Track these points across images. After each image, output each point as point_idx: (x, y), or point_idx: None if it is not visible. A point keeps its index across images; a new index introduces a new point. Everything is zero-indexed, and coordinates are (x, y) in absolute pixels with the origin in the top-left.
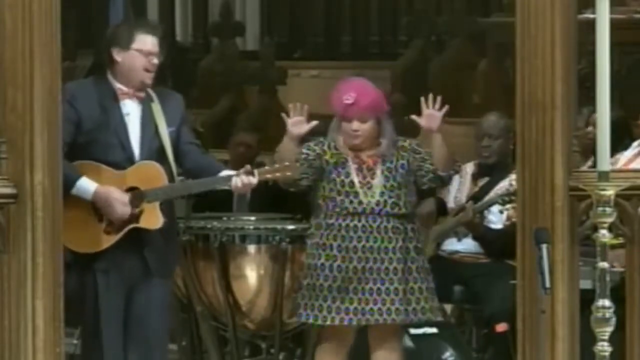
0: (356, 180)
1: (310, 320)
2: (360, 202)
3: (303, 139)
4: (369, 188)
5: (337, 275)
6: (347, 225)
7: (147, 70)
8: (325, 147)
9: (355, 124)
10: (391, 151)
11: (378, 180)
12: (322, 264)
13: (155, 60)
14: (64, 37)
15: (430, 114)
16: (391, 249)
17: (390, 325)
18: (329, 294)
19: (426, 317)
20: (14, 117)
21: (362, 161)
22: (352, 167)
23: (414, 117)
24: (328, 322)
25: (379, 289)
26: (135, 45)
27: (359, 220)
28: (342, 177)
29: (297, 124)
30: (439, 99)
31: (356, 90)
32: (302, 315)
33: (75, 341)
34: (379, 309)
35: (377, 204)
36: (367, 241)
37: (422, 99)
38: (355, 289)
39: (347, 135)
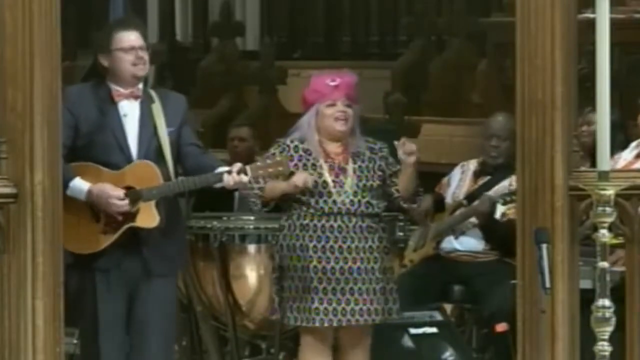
0: (329, 179)
1: (297, 323)
2: (334, 202)
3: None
4: (341, 187)
5: (313, 276)
6: (323, 226)
7: (135, 64)
8: (292, 152)
9: (341, 106)
10: (360, 149)
11: (350, 179)
12: (302, 266)
13: (141, 53)
14: (64, 37)
15: (408, 149)
16: (368, 248)
17: (363, 326)
18: (309, 295)
19: (399, 316)
20: (14, 117)
21: (333, 160)
22: (324, 166)
23: (396, 143)
24: (311, 324)
25: (359, 288)
26: (115, 45)
27: (335, 221)
28: (315, 178)
29: (303, 177)
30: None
31: (337, 75)
32: (290, 318)
33: (75, 341)
34: (360, 309)
35: (352, 203)
36: (344, 242)
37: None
38: (334, 289)
39: (331, 120)
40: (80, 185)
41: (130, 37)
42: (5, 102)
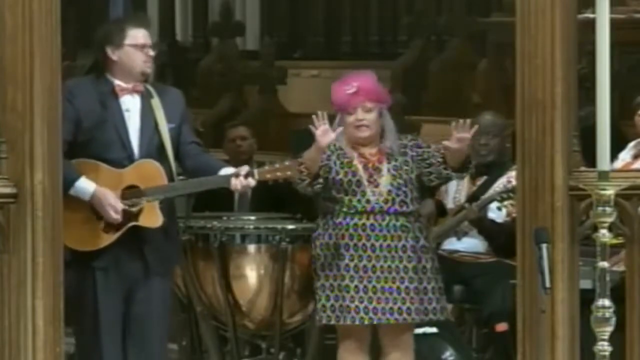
0: (364, 178)
1: (332, 322)
2: (368, 201)
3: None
4: (376, 187)
5: (345, 274)
6: (356, 224)
7: (145, 62)
8: (331, 149)
9: (360, 114)
10: (395, 148)
11: (385, 179)
12: (336, 264)
13: (151, 52)
14: (64, 36)
15: (462, 137)
16: (401, 247)
17: (402, 325)
18: (340, 293)
19: (437, 317)
20: (14, 117)
21: (368, 160)
22: (359, 166)
23: (445, 142)
24: (341, 322)
25: (391, 287)
26: (128, 40)
27: (367, 219)
28: (349, 177)
29: (325, 133)
30: (468, 122)
31: (357, 80)
32: (324, 317)
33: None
34: (392, 308)
35: (386, 202)
36: (376, 240)
37: (453, 124)
38: (366, 287)
39: (352, 128)
40: (85, 186)
41: (142, 35)
42: (5, 102)
